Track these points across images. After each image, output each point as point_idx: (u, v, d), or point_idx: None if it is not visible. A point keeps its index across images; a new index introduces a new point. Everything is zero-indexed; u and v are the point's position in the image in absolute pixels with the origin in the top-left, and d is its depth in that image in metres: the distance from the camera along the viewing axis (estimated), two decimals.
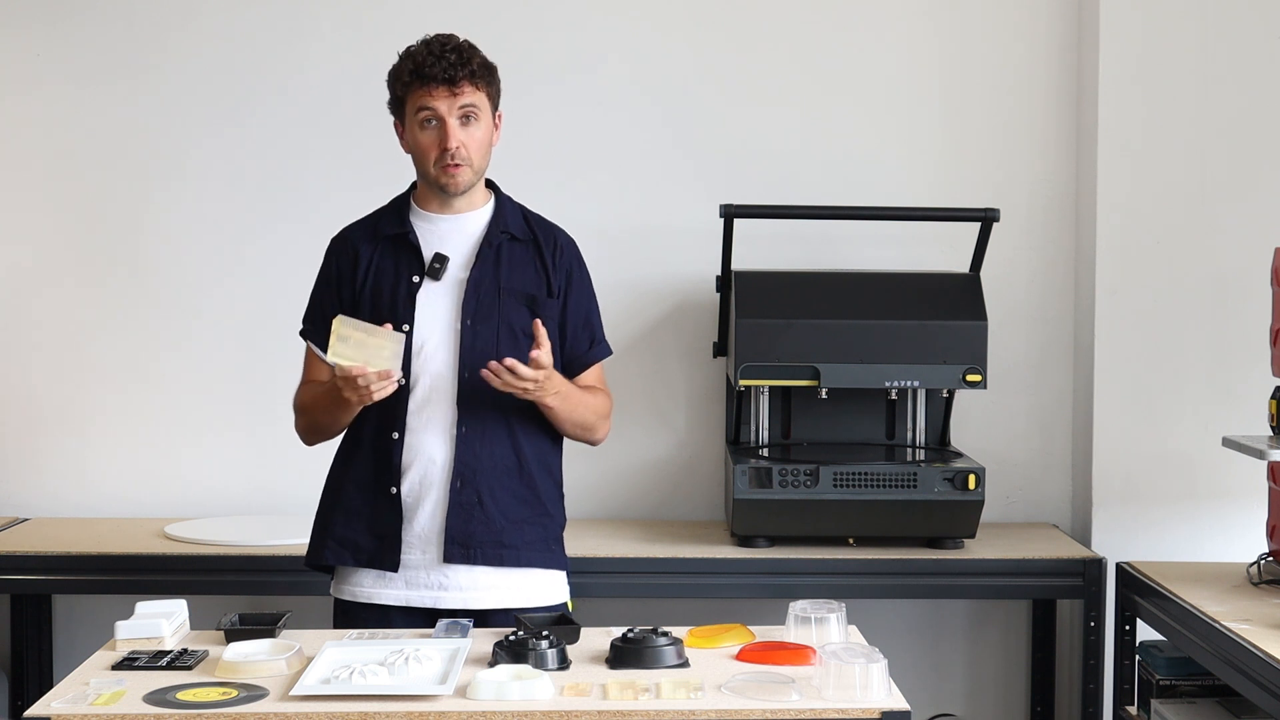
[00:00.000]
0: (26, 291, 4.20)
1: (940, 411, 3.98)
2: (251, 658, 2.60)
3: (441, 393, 2.93)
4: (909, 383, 3.74)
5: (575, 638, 2.75)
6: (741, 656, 2.67)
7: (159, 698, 2.43)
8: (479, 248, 2.97)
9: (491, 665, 2.58)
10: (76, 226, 4.19)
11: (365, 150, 4.13)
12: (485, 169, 3.00)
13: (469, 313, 2.93)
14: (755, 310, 3.77)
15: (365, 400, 2.84)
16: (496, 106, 3.00)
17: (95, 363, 4.19)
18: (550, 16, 4.13)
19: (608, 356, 3.11)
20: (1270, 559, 3.45)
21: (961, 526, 3.72)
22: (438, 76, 2.87)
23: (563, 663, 2.60)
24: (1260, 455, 3.16)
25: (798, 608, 2.77)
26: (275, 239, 4.17)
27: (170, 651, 2.68)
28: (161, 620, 2.76)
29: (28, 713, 2.37)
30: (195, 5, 4.17)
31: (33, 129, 4.19)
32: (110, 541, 3.82)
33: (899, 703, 2.44)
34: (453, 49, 2.90)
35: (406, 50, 2.94)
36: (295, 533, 3.80)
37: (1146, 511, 3.98)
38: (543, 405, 2.93)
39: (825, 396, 3.79)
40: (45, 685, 3.99)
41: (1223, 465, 3.81)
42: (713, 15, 4.17)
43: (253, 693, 2.46)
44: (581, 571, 3.29)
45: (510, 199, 3.07)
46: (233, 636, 2.72)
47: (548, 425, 3.01)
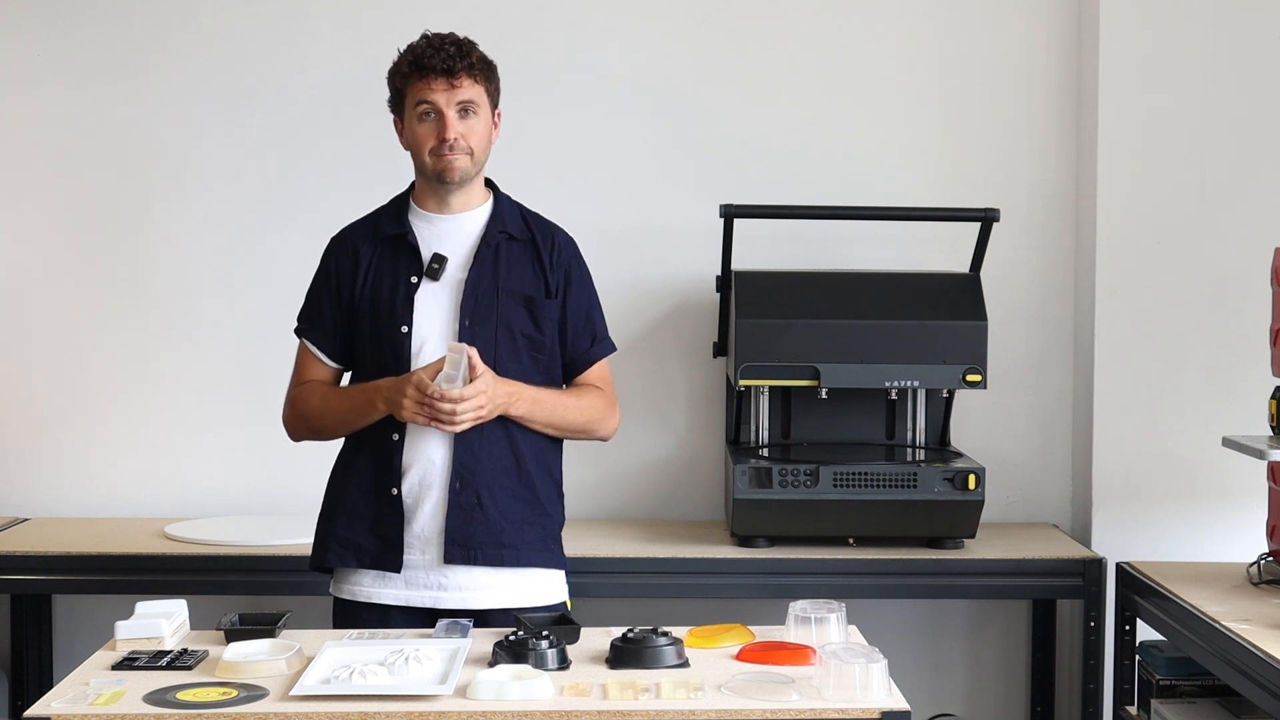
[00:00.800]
0: (27, 291, 4.20)
1: (940, 411, 3.98)
2: (251, 658, 2.60)
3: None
4: (909, 383, 3.74)
5: (575, 638, 2.75)
6: (741, 656, 2.67)
7: (159, 698, 2.43)
8: (477, 248, 2.97)
9: (491, 665, 2.58)
10: (76, 227, 4.19)
11: (365, 150, 4.13)
12: (484, 163, 2.99)
13: (467, 313, 2.93)
14: (755, 310, 3.77)
15: (413, 415, 2.83)
16: (496, 104, 2.99)
17: (95, 363, 4.19)
18: (550, 17, 4.13)
19: (611, 353, 3.11)
20: (1270, 559, 3.45)
21: (961, 526, 3.72)
22: (436, 68, 2.88)
23: (563, 663, 2.60)
24: (1260, 455, 3.16)
25: (798, 608, 2.77)
26: (275, 239, 4.17)
27: (170, 651, 2.68)
28: (161, 620, 2.76)
29: (28, 713, 2.37)
30: (195, 5, 4.17)
31: (33, 129, 4.19)
32: (110, 541, 3.82)
33: (899, 703, 2.44)
34: (452, 43, 2.91)
35: (406, 47, 2.95)
36: (295, 533, 3.80)
37: (1146, 511, 3.98)
38: (513, 418, 2.93)
39: (825, 396, 3.79)
40: (45, 685, 3.99)
41: (1223, 465, 3.81)
42: (713, 15, 4.17)
43: (253, 693, 2.46)
44: (581, 571, 3.30)
45: (509, 198, 3.07)
46: (233, 636, 2.72)
47: None
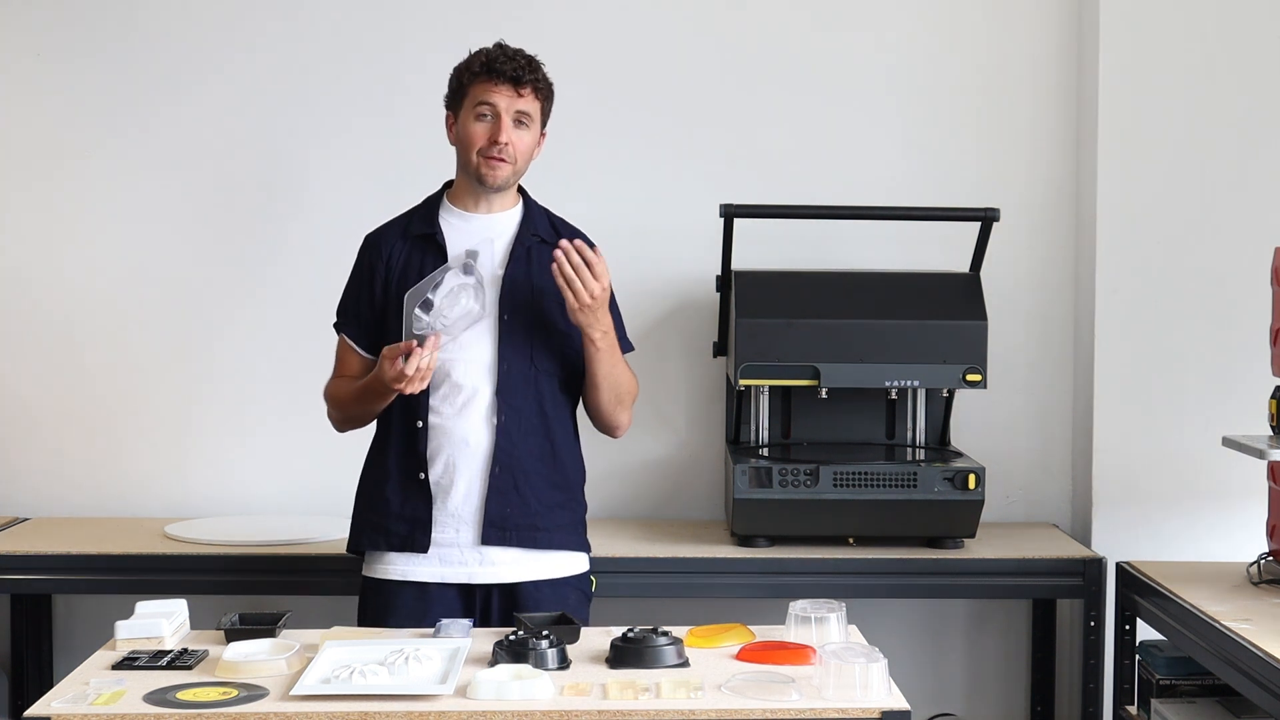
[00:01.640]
0: (23, 292, 4.19)
1: (940, 411, 3.98)
2: (251, 658, 2.60)
3: (480, 382, 3.03)
4: (909, 382, 3.74)
5: (575, 637, 2.76)
6: (741, 656, 2.68)
7: (159, 697, 2.43)
8: (512, 247, 3.09)
9: (491, 665, 2.58)
10: (76, 227, 4.18)
11: (364, 150, 4.13)
12: (522, 174, 3.12)
13: (506, 307, 3.04)
14: (755, 310, 3.77)
15: (399, 381, 2.90)
16: (545, 124, 3.13)
17: (94, 363, 4.18)
18: (550, 17, 4.13)
19: (629, 352, 3.21)
20: (1270, 559, 3.45)
21: (961, 526, 3.71)
22: (505, 74, 3.02)
23: (563, 662, 2.60)
24: (1260, 455, 3.16)
25: (798, 608, 2.78)
26: (274, 241, 4.17)
27: (170, 651, 2.68)
28: (161, 620, 2.77)
29: (28, 713, 2.38)
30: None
31: (31, 128, 4.19)
32: (110, 541, 3.81)
33: (899, 702, 2.44)
34: (523, 56, 3.07)
35: (479, 49, 3.07)
36: (295, 532, 3.80)
37: (1146, 511, 3.98)
38: (590, 339, 3.02)
39: (825, 396, 3.79)
40: (45, 685, 3.98)
41: (1223, 465, 3.80)
42: (713, 15, 4.17)
43: (253, 693, 2.46)
44: (594, 575, 3.29)
45: (537, 203, 3.19)
46: (233, 636, 2.72)
47: (572, 417, 3.15)
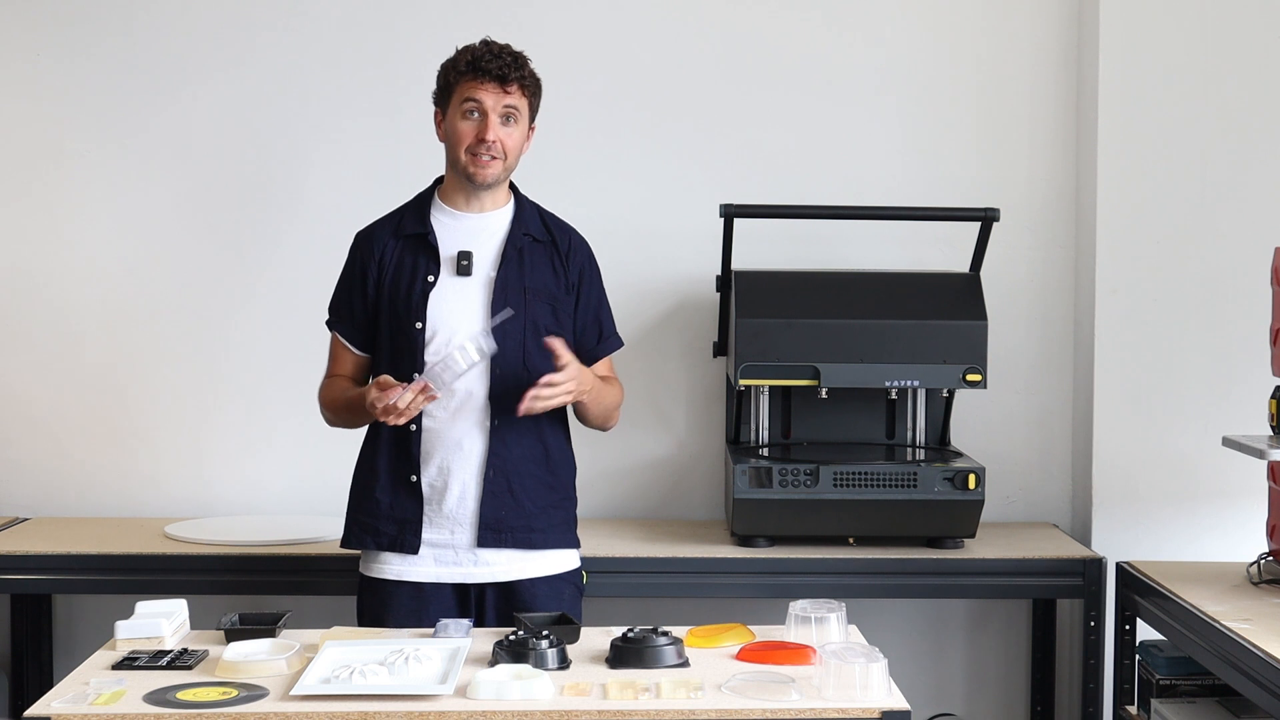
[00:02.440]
0: (23, 291, 4.19)
1: (940, 411, 3.98)
2: (251, 658, 2.61)
3: (473, 386, 3.04)
4: (909, 382, 3.74)
5: (575, 637, 2.76)
6: (741, 656, 2.68)
7: (159, 697, 2.44)
8: (503, 248, 3.09)
9: (491, 665, 2.58)
10: (75, 229, 4.18)
11: (367, 150, 4.13)
12: (512, 171, 3.12)
13: (498, 309, 3.04)
14: (755, 310, 3.77)
15: (386, 416, 2.92)
16: (534, 119, 3.13)
17: (94, 363, 4.18)
18: (550, 17, 4.13)
19: (618, 349, 3.26)
20: (1270, 559, 3.45)
21: (961, 526, 3.71)
22: (491, 71, 3.02)
23: (563, 662, 2.60)
24: (1260, 455, 3.15)
25: (798, 607, 2.78)
26: (273, 240, 4.16)
27: (170, 651, 2.68)
28: (161, 620, 2.77)
29: (28, 713, 2.38)
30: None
31: (29, 128, 4.18)
32: (110, 541, 3.81)
33: (899, 702, 2.44)
34: (509, 53, 3.07)
35: (465, 47, 3.08)
36: (295, 532, 3.80)
37: (1146, 511, 3.98)
38: (579, 401, 3.09)
39: (825, 396, 3.79)
40: (45, 685, 3.99)
41: (1223, 465, 3.81)
42: (713, 15, 4.16)
43: (253, 693, 2.46)
44: (584, 569, 3.30)
45: (528, 200, 3.19)
46: (233, 636, 2.72)
47: (564, 417, 3.17)
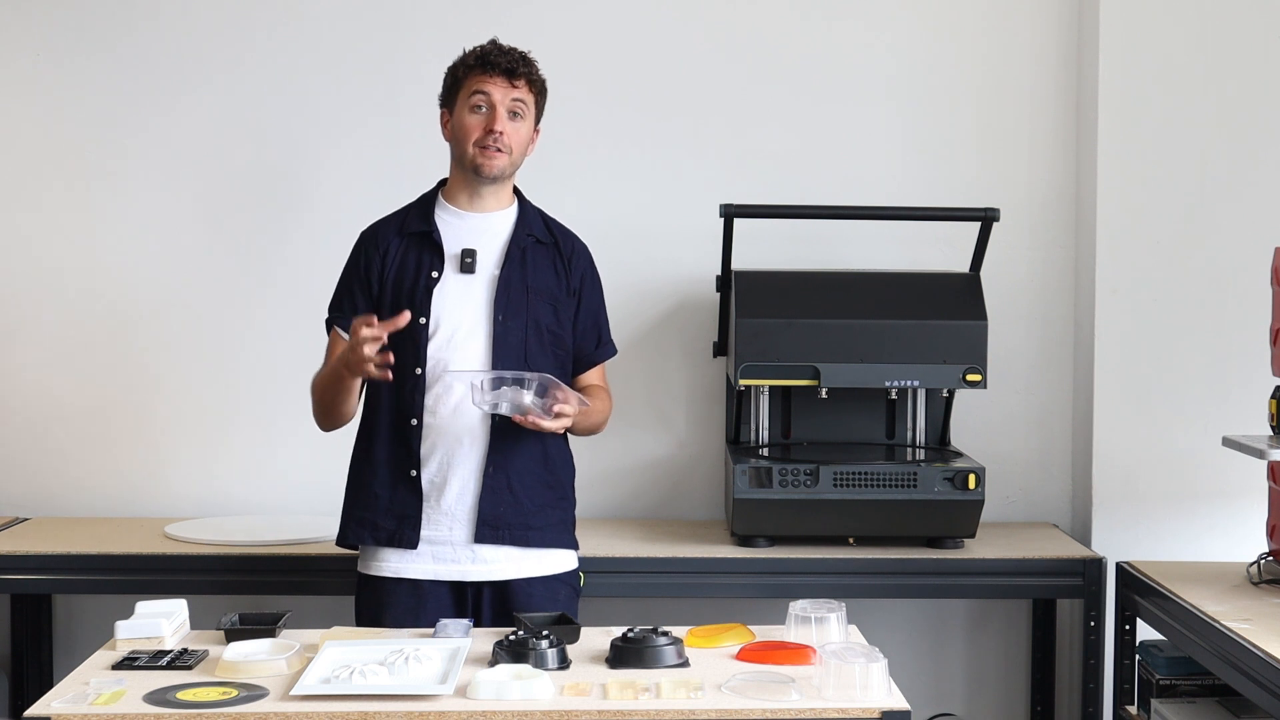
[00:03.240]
0: (25, 293, 4.19)
1: (940, 411, 3.98)
2: (251, 658, 2.61)
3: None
4: (909, 382, 3.74)
5: (575, 637, 2.76)
6: (741, 656, 2.68)
7: (159, 697, 2.44)
8: (507, 248, 3.12)
9: (491, 665, 2.58)
10: (74, 229, 4.18)
11: (373, 151, 4.13)
12: (518, 167, 3.15)
13: (501, 308, 3.07)
14: (755, 310, 3.76)
15: (359, 365, 2.91)
16: (539, 119, 3.17)
17: (94, 363, 4.18)
18: (550, 17, 4.13)
19: (612, 356, 3.30)
20: (1270, 559, 3.45)
21: (961, 526, 3.71)
22: (499, 66, 3.07)
23: (563, 662, 2.60)
24: (1260, 455, 3.15)
25: (798, 608, 2.78)
26: (277, 241, 4.16)
27: (170, 651, 2.68)
28: (161, 620, 2.77)
29: (28, 713, 2.38)
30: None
31: (31, 128, 4.19)
32: (110, 541, 3.81)
33: (899, 702, 2.44)
34: (517, 52, 3.12)
35: (474, 46, 3.12)
36: (295, 532, 3.80)
37: (1146, 511, 3.98)
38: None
39: (825, 396, 3.79)
40: (45, 685, 3.99)
41: (1223, 465, 3.80)
42: (713, 15, 4.16)
43: (253, 693, 2.46)
44: (581, 570, 3.30)
45: (531, 204, 3.22)
46: (233, 636, 2.72)
47: None
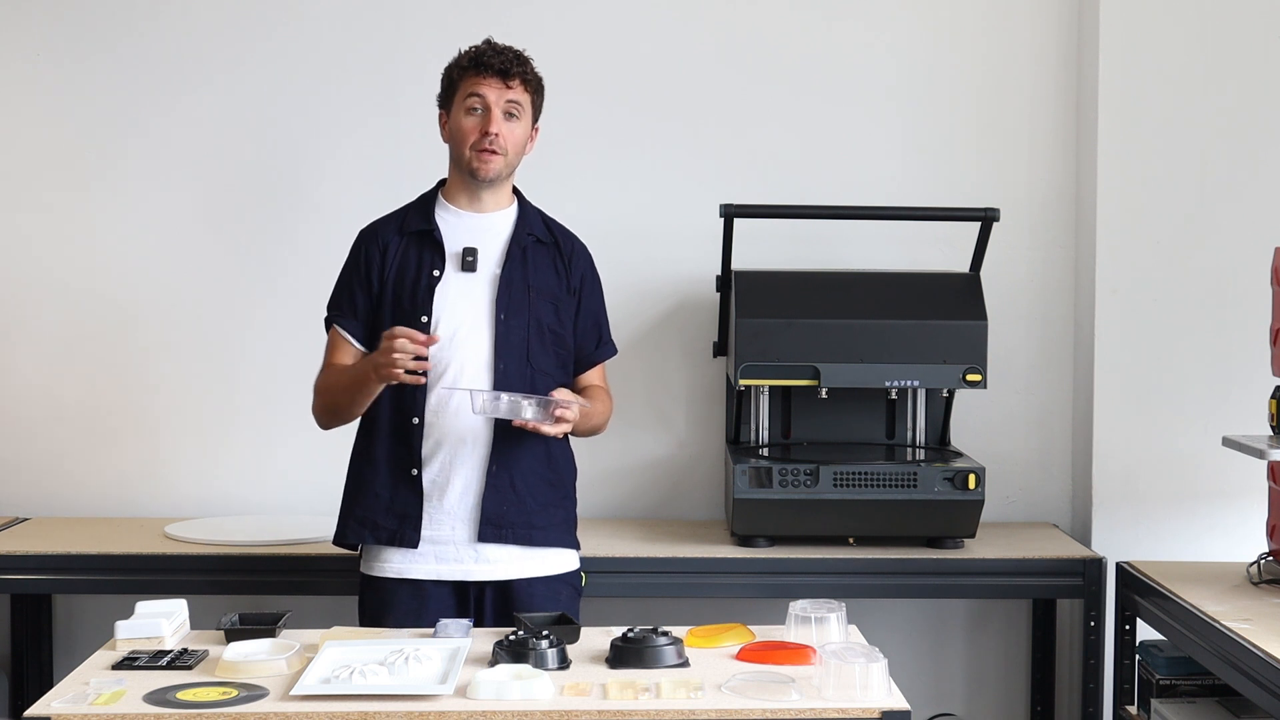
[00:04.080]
0: (26, 292, 4.19)
1: (940, 411, 3.98)
2: (251, 658, 2.61)
3: (477, 382, 3.05)
4: (909, 382, 3.74)
5: (575, 637, 2.76)
6: (741, 656, 2.68)
7: (159, 697, 2.44)
8: (508, 247, 3.12)
9: (491, 665, 2.58)
10: (73, 229, 4.18)
11: (374, 151, 4.13)
12: (515, 168, 3.15)
13: (503, 307, 3.08)
14: (755, 310, 3.77)
15: (388, 372, 2.94)
16: (536, 119, 3.17)
17: (94, 363, 4.18)
18: (549, 17, 4.13)
19: (612, 356, 3.30)
20: (1270, 559, 3.45)
21: (961, 526, 3.71)
22: (494, 67, 3.07)
23: (563, 662, 2.60)
24: (1260, 455, 3.15)
25: (798, 608, 2.78)
26: (277, 241, 4.17)
27: (170, 651, 2.68)
28: (161, 620, 2.77)
29: (28, 713, 2.38)
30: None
31: (39, 130, 4.18)
32: (110, 541, 3.81)
33: (899, 702, 2.44)
34: (512, 52, 3.12)
35: (468, 47, 3.12)
36: (295, 532, 3.80)
37: (1146, 511, 3.98)
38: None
39: (825, 396, 3.79)
40: (45, 685, 3.99)
41: (1223, 465, 3.80)
42: (713, 15, 4.16)
43: (253, 693, 2.46)
44: (583, 570, 3.30)
45: (530, 204, 3.22)
46: (233, 636, 2.72)
47: None
